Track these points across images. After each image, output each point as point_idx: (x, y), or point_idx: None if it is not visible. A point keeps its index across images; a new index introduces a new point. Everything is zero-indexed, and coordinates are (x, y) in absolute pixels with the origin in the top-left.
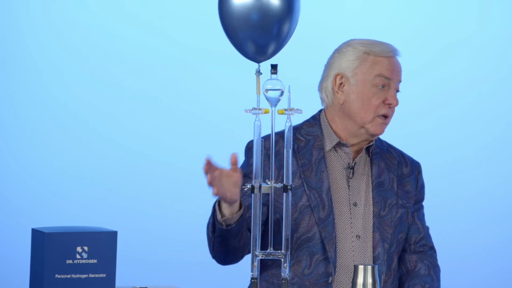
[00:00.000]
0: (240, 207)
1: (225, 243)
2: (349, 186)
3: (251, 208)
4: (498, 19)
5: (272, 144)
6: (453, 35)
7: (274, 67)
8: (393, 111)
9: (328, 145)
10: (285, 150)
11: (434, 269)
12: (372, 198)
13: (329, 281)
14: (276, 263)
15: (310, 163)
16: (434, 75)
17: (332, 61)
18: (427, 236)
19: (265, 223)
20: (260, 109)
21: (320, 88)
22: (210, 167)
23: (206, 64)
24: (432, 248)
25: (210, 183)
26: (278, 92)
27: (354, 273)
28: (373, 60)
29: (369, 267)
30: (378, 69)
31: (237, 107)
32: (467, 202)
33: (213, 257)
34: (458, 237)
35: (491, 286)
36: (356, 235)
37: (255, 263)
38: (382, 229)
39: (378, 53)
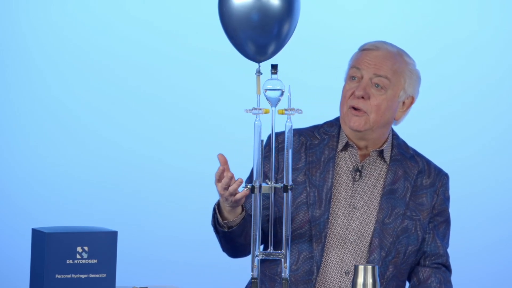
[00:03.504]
0: (242, 209)
1: (231, 241)
2: (353, 188)
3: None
4: (498, 19)
5: (272, 144)
6: (453, 35)
7: (274, 67)
8: (372, 107)
9: (340, 145)
10: (285, 150)
11: (446, 284)
12: (379, 203)
13: (312, 279)
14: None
15: (319, 161)
16: (433, 75)
17: None
18: (444, 256)
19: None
20: (260, 109)
21: None
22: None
23: (206, 64)
24: (448, 268)
25: (224, 183)
26: (278, 92)
27: (354, 273)
28: (355, 55)
29: (369, 267)
30: (353, 61)
31: (237, 107)
32: (466, 202)
33: (223, 251)
34: (459, 237)
35: (491, 286)
36: (350, 238)
37: (255, 263)
38: (382, 236)
39: (360, 48)
